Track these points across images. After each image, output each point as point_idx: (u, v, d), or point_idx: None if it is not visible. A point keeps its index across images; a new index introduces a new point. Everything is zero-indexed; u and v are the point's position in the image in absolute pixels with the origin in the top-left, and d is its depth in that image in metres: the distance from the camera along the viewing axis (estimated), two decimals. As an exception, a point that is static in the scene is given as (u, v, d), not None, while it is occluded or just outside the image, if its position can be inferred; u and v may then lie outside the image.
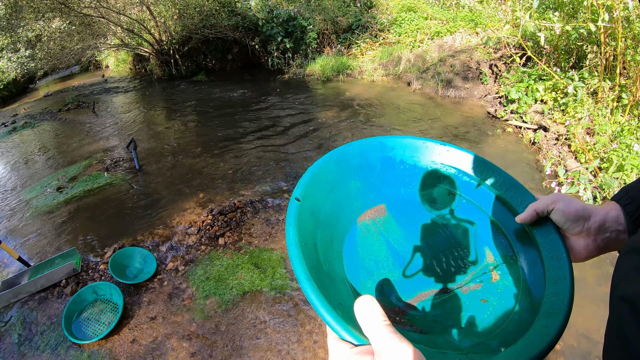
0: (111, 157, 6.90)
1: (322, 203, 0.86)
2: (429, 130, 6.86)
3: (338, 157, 0.95)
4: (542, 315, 0.72)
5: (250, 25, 11.31)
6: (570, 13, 6.89)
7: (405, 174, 1.02)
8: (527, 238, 0.90)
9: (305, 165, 5.96)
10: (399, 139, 1.02)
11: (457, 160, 1.02)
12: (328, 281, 0.72)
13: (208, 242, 4.50)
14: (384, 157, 1.01)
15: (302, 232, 0.74)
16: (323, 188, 0.88)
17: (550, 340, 0.65)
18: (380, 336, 0.52)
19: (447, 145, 1.02)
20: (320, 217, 0.84)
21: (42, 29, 11.59)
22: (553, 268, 0.80)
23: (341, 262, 0.83)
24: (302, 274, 0.64)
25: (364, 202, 0.96)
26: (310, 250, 0.74)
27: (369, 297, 0.56)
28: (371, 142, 1.00)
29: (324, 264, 0.77)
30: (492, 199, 0.98)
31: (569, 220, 0.85)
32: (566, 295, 0.73)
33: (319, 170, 0.89)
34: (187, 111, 9.21)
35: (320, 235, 0.81)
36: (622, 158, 4.76)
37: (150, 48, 12.03)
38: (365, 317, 0.55)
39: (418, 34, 10.04)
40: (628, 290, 0.62)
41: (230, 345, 3.33)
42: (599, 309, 3.33)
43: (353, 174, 0.97)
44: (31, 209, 5.61)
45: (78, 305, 3.75)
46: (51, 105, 11.16)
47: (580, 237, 0.86)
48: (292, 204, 0.78)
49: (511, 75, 7.50)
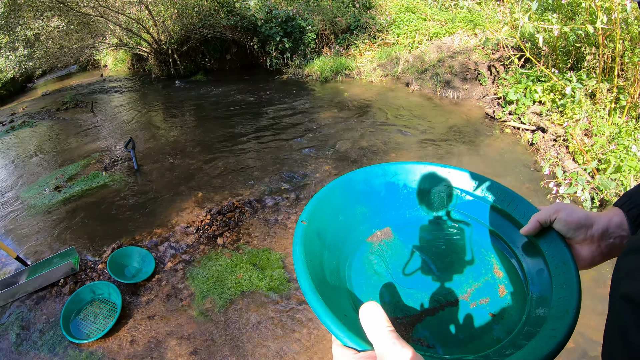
0: (109, 157, 6.89)
1: (328, 226, 0.91)
2: (427, 131, 6.87)
3: (343, 184, 1.00)
4: (550, 320, 0.73)
5: (249, 25, 11.30)
6: (568, 15, 6.91)
7: (409, 198, 1.07)
8: (532, 248, 0.92)
9: (303, 165, 5.97)
10: (401, 165, 1.07)
11: (459, 181, 1.07)
12: (333, 295, 0.75)
13: (206, 241, 4.51)
14: (387, 183, 1.06)
15: (309, 251, 0.78)
16: (329, 212, 0.93)
17: (558, 342, 0.66)
18: (383, 341, 0.53)
19: (447, 167, 1.08)
20: (327, 240, 0.88)
21: (40, 27, 11.57)
22: (559, 274, 0.81)
23: (348, 281, 0.87)
24: (307, 286, 0.68)
25: (370, 225, 1.01)
26: (317, 267, 0.77)
27: (374, 303, 0.58)
28: (374, 169, 1.06)
29: (330, 280, 0.80)
30: (495, 215, 1.01)
31: (572, 229, 0.86)
32: (573, 298, 0.74)
33: (324, 196, 0.94)
34: (185, 111, 9.21)
35: (326, 256, 0.85)
36: (619, 159, 4.77)
37: (148, 47, 12.01)
38: (369, 322, 0.56)
39: (417, 35, 10.05)
40: (629, 289, 0.63)
41: (229, 345, 3.33)
42: (597, 309, 3.34)
43: (358, 200, 1.02)
44: (29, 208, 5.61)
45: (76, 305, 3.75)
46: (49, 104, 11.13)
47: (584, 245, 0.87)
48: (299, 226, 0.82)
49: (509, 77, 7.51)
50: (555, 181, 4.98)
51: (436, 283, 0.87)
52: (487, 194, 1.03)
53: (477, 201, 1.04)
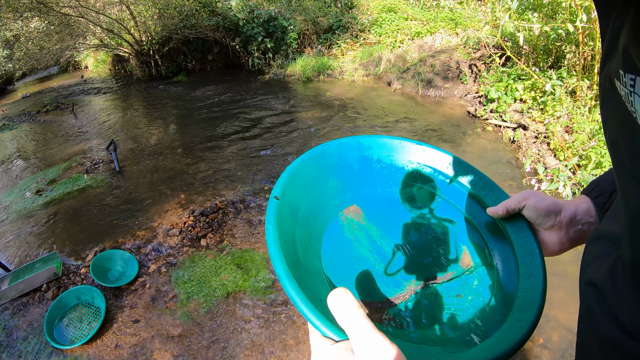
0: (91, 159, 6.83)
1: (301, 201, 0.87)
2: (409, 129, 6.91)
3: (316, 156, 0.96)
4: (516, 310, 0.74)
5: (231, 26, 11.28)
6: (549, 14, 7.00)
7: (382, 173, 1.04)
8: (501, 235, 0.92)
9: (285, 165, 5.94)
10: (376, 139, 1.04)
11: (434, 160, 1.05)
12: (308, 278, 0.73)
13: (190, 243, 4.50)
14: (361, 157, 1.03)
15: (282, 230, 0.75)
16: (302, 187, 0.89)
17: (523, 333, 0.67)
18: (356, 329, 0.51)
19: (424, 145, 1.05)
20: (299, 216, 0.85)
21: (20, 28, 11.42)
22: (526, 264, 0.83)
23: (320, 259, 0.84)
24: (282, 271, 0.65)
25: (341, 200, 0.97)
26: (290, 247, 0.75)
27: (342, 289, 0.55)
28: (349, 141, 1.02)
29: (304, 261, 0.78)
30: (467, 197, 1.01)
31: (540, 215, 0.88)
32: (539, 290, 0.75)
33: (297, 169, 0.90)
34: (167, 112, 9.15)
35: (299, 233, 0.82)
36: (600, 155, 4.85)
37: (130, 48, 11.90)
38: (340, 311, 0.54)
39: (398, 35, 10.10)
40: (593, 275, 0.65)
41: (215, 347, 3.33)
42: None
43: (331, 173, 0.98)
44: (10, 213, 5.54)
45: (60, 310, 3.71)
46: (30, 106, 10.98)
47: (553, 231, 0.89)
48: (272, 202, 0.79)
49: (491, 75, 7.59)
50: (537, 178, 5.05)
51: (407, 265, 0.86)
52: (461, 176, 1.02)
53: (450, 182, 1.03)
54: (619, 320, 0.57)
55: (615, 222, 0.68)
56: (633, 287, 0.55)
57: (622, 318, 0.57)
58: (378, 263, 0.86)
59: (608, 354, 0.60)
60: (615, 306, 0.58)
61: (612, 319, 0.58)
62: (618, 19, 0.50)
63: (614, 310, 0.58)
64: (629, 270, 0.56)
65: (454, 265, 0.88)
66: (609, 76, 0.53)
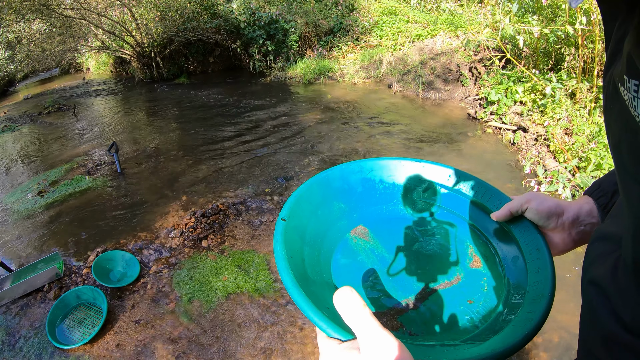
0: (92, 161, 6.85)
1: (307, 223, 0.92)
2: (410, 132, 6.92)
3: (321, 181, 1.02)
4: (527, 303, 0.75)
5: (232, 28, 11.30)
6: (549, 16, 7.02)
7: (385, 193, 1.09)
8: (506, 237, 0.94)
9: (285, 165, 5.99)
10: (377, 161, 1.10)
11: (434, 174, 1.09)
12: (315, 288, 0.76)
13: (191, 244, 4.51)
14: (363, 179, 1.09)
15: (289, 248, 0.79)
16: (307, 209, 0.94)
17: (534, 324, 0.68)
18: (361, 327, 0.52)
19: (423, 161, 1.10)
20: (307, 236, 0.89)
21: (22, 30, 11.45)
22: (533, 260, 0.84)
23: (330, 275, 0.88)
24: (289, 281, 0.68)
25: (348, 221, 1.03)
26: (298, 262, 0.78)
27: (348, 288, 0.56)
28: (351, 166, 1.09)
29: (312, 275, 0.81)
30: (470, 205, 1.04)
31: (543, 217, 0.89)
32: (548, 282, 0.77)
33: (303, 193, 0.95)
34: (168, 114, 9.17)
35: (307, 252, 0.86)
36: (599, 157, 4.85)
37: (131, 50, 11.93)
38: (345, 309, 0.54)
39: (399, 37, 10.12)
40: (595, 274, 0.67)
41: (216, 347, 3.34)
42: (580, 305, 3.39)
43: (336, 196, 1.04)
44: (12, 214, 5.56)
45: (61, 310, 3.73)
46: (31, 108, 11.02)
47: (556, 232, 0.90)
48: (279, 223, 0.83)
49: (491, 78, 7.60)
50: (537, 180, 5.06)
51: (417, 275, 0.89)
52: (460, 185, 1.06)
53: (451, 193, 1.06)
54: (620, 318, 0.59)
55: (616, 223, 0.69)
56: (634, 285, 0.56)
57: (623, 315, 0.58)
58: (388, 276, 0.89)
59: (610, 350, 0.61)
60: (617, 304, 0.60)
61: (614, 317, 0.60)
62: (622, 26, 0.51)
63: (616, 308, 0.60)
64: (630, 269, 0.57)
65: (463, 271, 0.90)
66: (612, 81, 0.55)
